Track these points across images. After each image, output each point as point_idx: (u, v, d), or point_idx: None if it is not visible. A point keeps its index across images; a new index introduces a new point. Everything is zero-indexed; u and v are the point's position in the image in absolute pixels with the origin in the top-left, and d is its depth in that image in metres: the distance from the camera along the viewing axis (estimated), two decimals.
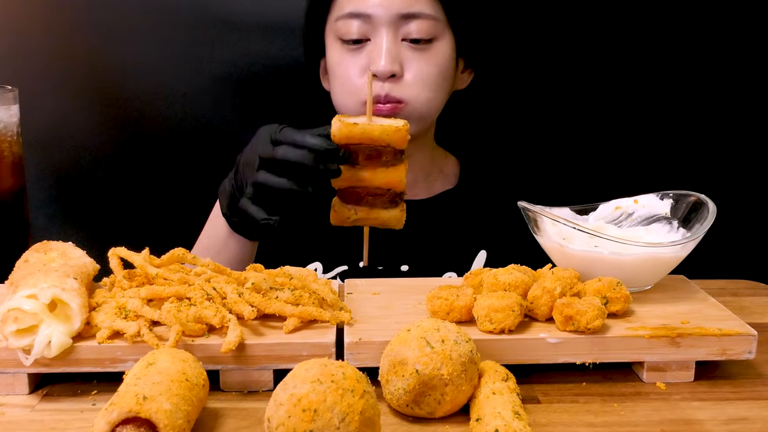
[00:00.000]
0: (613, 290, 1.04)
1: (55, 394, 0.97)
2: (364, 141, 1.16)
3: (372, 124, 1.15)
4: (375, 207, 1.19)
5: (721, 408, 0.95)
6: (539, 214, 1.16)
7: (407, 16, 1.41)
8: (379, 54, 1.40)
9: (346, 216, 1.20)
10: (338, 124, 1.15)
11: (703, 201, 1.17)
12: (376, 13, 1.41)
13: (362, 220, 1.20)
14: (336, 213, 1.20)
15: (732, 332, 1.00)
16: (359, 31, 1.42)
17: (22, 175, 1.23)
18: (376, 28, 1.42)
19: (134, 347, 0.95)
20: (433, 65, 1.44)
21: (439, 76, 1.45)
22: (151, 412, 0.78)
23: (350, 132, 1.15)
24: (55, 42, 1.75)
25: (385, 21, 1.41)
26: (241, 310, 0.98)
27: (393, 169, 1.18)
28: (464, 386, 0.88)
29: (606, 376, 1.02)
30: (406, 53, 1.42)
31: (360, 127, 1.15)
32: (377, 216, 1.20)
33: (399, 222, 1.21)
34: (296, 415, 0.77)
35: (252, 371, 0.97)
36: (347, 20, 1.43)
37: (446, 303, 1.02)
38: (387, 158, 1.16)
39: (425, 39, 1.43)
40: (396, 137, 1.15)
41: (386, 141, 1.15)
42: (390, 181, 1.18)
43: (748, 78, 1.79)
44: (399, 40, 1.42)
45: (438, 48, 1.45)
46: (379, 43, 1.41)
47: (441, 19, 1.45)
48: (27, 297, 0.94)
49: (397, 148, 1.17)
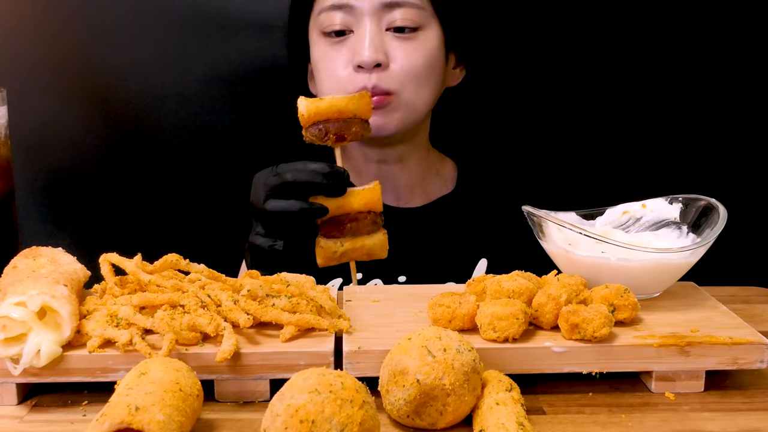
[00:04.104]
0: (620, 297, 1.03)
1: (44, 405, 0.96)
2: (332, 115, 1.20)
3: (337, 97, 1.21)
4: (359, 234, 1.24)
5: (732, 419, 0.94)
6: (544, 218, 1.15)
7: (390, 5, 1.41)
8: (362, 44, 1.40)
9: (333, 251, 1.24)
10: (305, 102, 1.20)
11: (713, 205, 1.16)
12: (358, 3, 1.41)
13: (349, 252, 1.25)
14: (322, 250, 1.24)
15: (743, 341, 0.99)
16: (342, 22, 1.42)
17: (10, 178, 1.23)
18: (359, 19, 1.42)
19: (126, 356, 0.95)
20: (420, 55, 1.43)
21: (426, 66, 1.44)
22: (144, 423, 0.77)
23: (317, 108, 1.20)
24: (44, 41, 1.74)
25: (368, 11, 1.41)
26: (237, 318, 0.97)
27: (369, 189, 1.24)
28: (467, 396, 0.87)
29: (613, 386, 1.00)
30: (390, 42, 1.42)
31: (326, 102, 1.20)
32: (363, 244, 1.24)
33: (383, 248, 1.26)
34: (293, 427, 0.76)
35: (248, 381, 0.96)
36: (330, 12, 1.43)
37: (448, 311, 1.01)
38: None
39: (410, 27, 1.43)
40: (361, 104, 1.22)
41: (353, 111, 1.21)
42: (368, 202, 1.23)
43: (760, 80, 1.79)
44: (383, 29, 1.42)
45: (424, 37, 1.44)
46: (362, 34, 1.41)
47: (426, 8, 1.44)
48: (15, 304, 0.93)
49: (363, 118, 1.23)
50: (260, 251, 1.24)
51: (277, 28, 1.69)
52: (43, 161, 1.77)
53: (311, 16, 1.48)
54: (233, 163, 1.78)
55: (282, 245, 1.23)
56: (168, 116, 1.77)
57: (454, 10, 1.49)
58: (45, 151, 1.77)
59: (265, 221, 1.24)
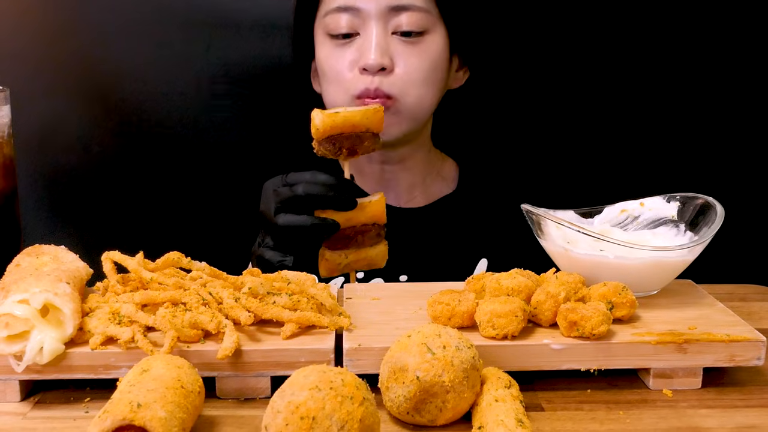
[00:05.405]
0: (618, 295, 1.03)
1: (47, 402, 0.96)
2: (346, 129, 1.19)
3: (352, 110, 1.20)
4: (363, 246, 1.24)
5: (729, 416, 0.94)
6: (543, 217, 1.15)
7: (397, 9, 1.40)
8: (368, 47, 1.39)
9: (337, 263, 1.25)
10: (321, 116, 1.18)
11: (710, 204, 1.16)
12: (365, 6, 1.40)
13: (352, 263, 1.26)
14: (327, 262, 1.24)
15: (740, 338, 0.99)
16: (348, 25, 1.42)
17: (13, 177, 1.22)
18: (365, 22, 1.41)
19: (128, 353, 0.94)
20: (425, 59, 1.43)
21: (431, 70, 1.44)
22: (146, 419, 0.77)
23: (334, 122, 1.18)
24: (47, 41, 1.74)
25: (375, 14, 1.40)
26: (238, 316, 0.97)
27: (375, 202, 1.24)
28: (466, 393, 0.87)
29: (611, 383, 1.00)
30: (396, 47, 1.41)
31: (342, 116, 1.19)
32: (365, 255, 1.26)
33: (384, 258, 1.28)
34: (294, 423, 0.76)
35: (249, 378, 0.96)
36: (336, 14, 1.42)
37: (448, 308, 1.01)
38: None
39: (416, 32, 1.42)
40: (375, 119, 1.21)
41: (366, 125, 1.20)
42: (374, 214, 1.24)
43: (758, 79, 1.79)
44: (389, 33, 1.41)
45: (430, 41, 1.44)
46: (368, 37, 1.40)
47: (433, 12, 1.44)
48: (18, 302, 0.93)
49: (375, 132, 1.23)
50: (269, 265, 1.23)
51: (279, 28, 1.69)
52: (45, 160, 1.77)
53: (317, 16, 1.47)
54: (235, 162, 1.78)
55: (292, 261, 1.22)
56: (170, 115, 1.77)
57: (460, 14, 1.48)
58: (48, 149, 1.77)
59: (276, 235, 1.23)
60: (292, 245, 1.23)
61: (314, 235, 1.21)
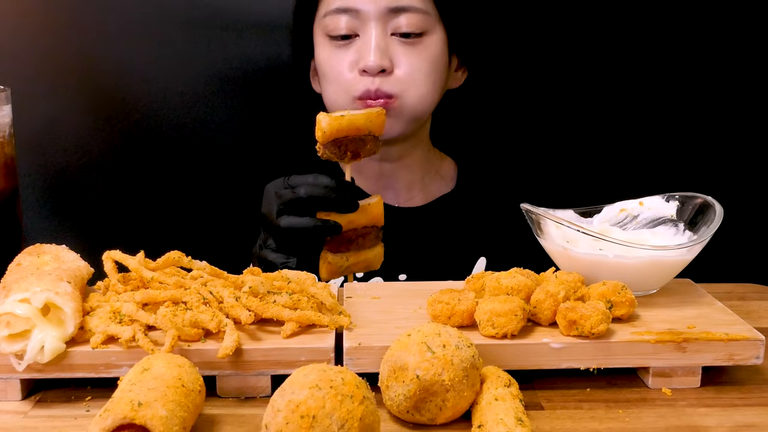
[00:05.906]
0: (617, 294, 1.03)
1: (48, 400, 0.96)
2: (351, 132, 1.20)
3: (356, 113, 1.20)
4: (363, 248, 1.25)
5: (728, 414, 0.94)
6: (542, 216, 1.15)
7: (396, 10, 1.41)
8: (368, 49, 1.40)
9: (339, 266, 1.25)
10: (327, 119, 1.18)
11: (709, 203, 1.16)
12: (364, 7, 1.40)
13: (352, 266, 1.26)
14: (329, 265, 1.25)
15: (739, 337, 0.99)
16: (348, 26, 1.42)
17: (14, 176, 1.23)
18: (364, 23, 1.41)
19: (129, 352, 0.94)
20: (425, 60, 1.43)
21: (430, 71, 1.44)
22: (147, 418, 0.77)
23: (339, 125, 1.19)
24: (48, 41, 1.74)
25: (374, 15, 1.40)
26: (238, 315, 0.97)
27: (374, 204, 1.25)
28: (466, 392, 0.87)
29: (610, 382, 1.01)
30: (396, 48, 1.42)
31: (347, 119, 1.19)
32: (365, 258, 1.26)
33: (380, 260, 1.29)
34: (294, 422, 0.76)
35: (249, 377, 0.96)
36: (335, 16, 1.42)
37: (447, 307, 1.01)
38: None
39: (415, 33, 1.42)
40: (377, 122, 1.22)
41: (368, 128, 1.21)
42: (374, 217, 1.25)
43: (756, 78, 1.79)
44: (388, 34, 1.42)
45: (429, 42, 1.44)
46: (368, 38, 1.41)
47: (431, 13, 1.44)
48: (19, 301, 0.93)
49: (376, 135, 1.24)
50: (272, 267, 1.23)
51: (279, 27, 1.69)
52: (47, 160, 1.77)
53: (316, 17, 1.48)
54: (235, 161, 1.78)
55: (295, 263, 1.22)
56: (171, 115, 1.77)
57: (459, 15, 1.49)
58: (49, 149, 1.77)
59: (278, 237, 1.23)
60: (294, 247, 1.23)
61: (316, 236, 1.21)
